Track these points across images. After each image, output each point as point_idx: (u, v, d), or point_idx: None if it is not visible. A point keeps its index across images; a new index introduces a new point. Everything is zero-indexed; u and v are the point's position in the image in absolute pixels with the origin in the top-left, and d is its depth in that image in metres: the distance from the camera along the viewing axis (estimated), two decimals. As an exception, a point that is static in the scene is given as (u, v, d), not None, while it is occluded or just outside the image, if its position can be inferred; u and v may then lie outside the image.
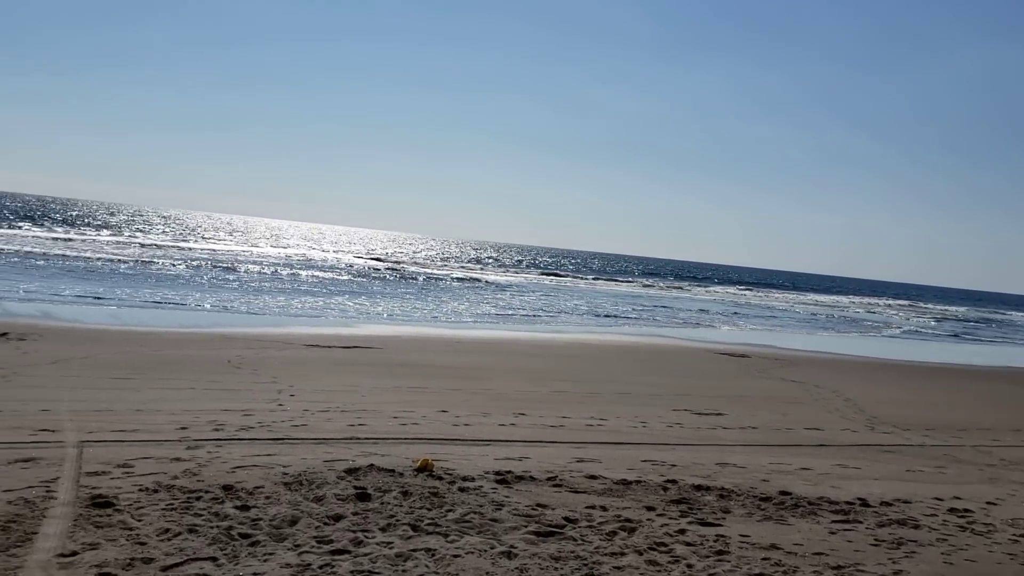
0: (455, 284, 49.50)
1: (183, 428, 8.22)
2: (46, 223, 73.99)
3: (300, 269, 47.73)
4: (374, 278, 47.11)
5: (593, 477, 7.49)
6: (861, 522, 6.77)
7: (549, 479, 7.26)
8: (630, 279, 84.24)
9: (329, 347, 16.90)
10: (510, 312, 33.13)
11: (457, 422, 9.94)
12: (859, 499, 7.50)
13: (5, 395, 9.43)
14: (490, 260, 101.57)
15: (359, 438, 8.39)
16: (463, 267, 74.29)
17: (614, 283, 72.63)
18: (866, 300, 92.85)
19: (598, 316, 35.48)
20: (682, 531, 6.07)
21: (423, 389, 12.52)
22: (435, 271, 61.90)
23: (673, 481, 7.62)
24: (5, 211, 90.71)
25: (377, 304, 30.47)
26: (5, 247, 40.79)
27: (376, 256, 77.91)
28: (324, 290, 35.15)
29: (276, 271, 44.20)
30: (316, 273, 45.70)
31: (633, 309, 41.85)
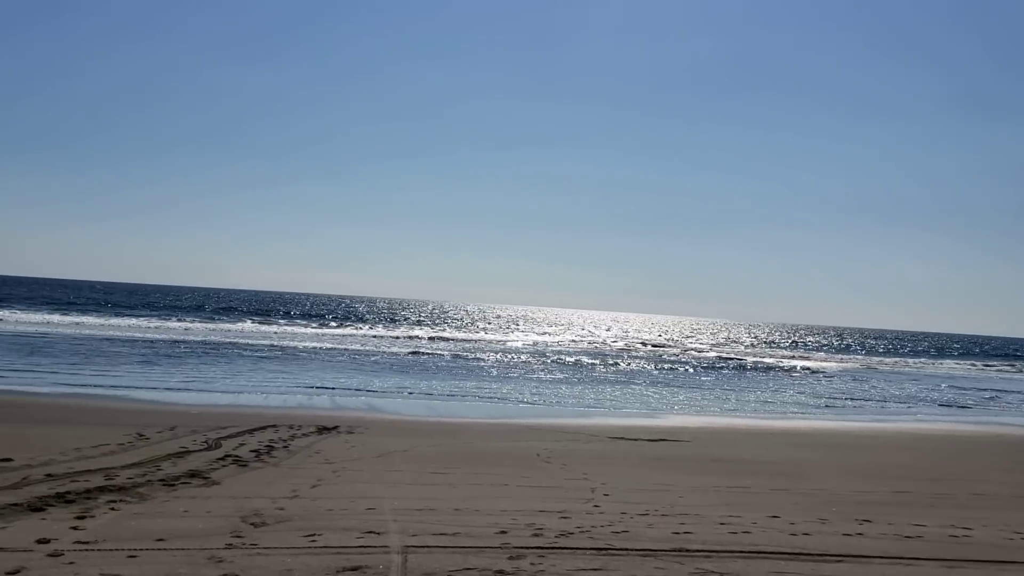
0: (761, 370, 47.18)
1: (503, 532, 7.84)
2: (379, 322, 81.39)
3: (593, 357, 47.93)
4: (672, 365, 46.10)
5: (988, 614, 6.05)
6: None
7: (933, 615, 5.94)
8: (973, 360, 75.81)
9: (635, 440, 16.24)
10: (825, 399, 30.67)
11: (794, 530, 8.74)
12: None
13: (335, 492, 9.68)
14: (798, 343, 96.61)
15: (688, 550, 7.53)
16: (769, 351, 71.13)
17: (944, 363, 65.83)
18: None
19: (929, 402, 31.89)
20: None
21: (745, 489, 11.40)
22: (739, 356, 59.67)
23: (1099, 624, 5.97)
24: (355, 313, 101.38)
25: (677, 393, 29.47)
26: (338, 346, 44.97)
27: (670, 343, 76.85)
28: (621, 379, 34.77)
29: (569, 359, 44.67)
30: (611, 361, 45.62)
31: (970, 392, 37.30)
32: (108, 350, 33.43)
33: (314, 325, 68.72)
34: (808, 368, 51.09)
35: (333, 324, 72.78)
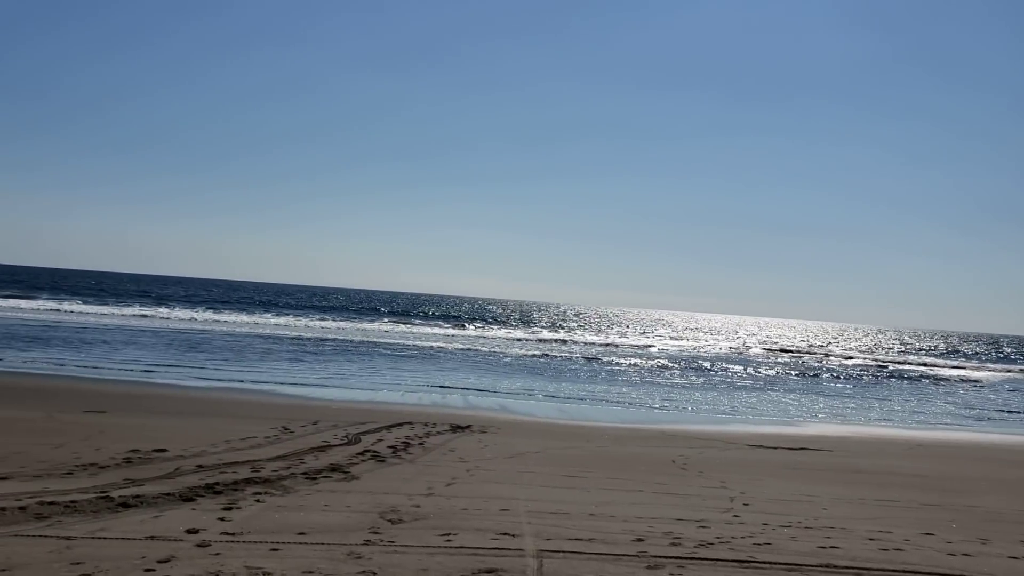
0: (910, 378, 44.84)
1: (639, 540, 7.66)
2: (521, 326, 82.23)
3: (730, 362, 46.75)
4: (813, 371, 44.40)
5: None
6: None
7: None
8: None
9: (775, 448, 15.66)
10: (980, 410, 28.82)
11: (951, 550, 8.17)
12: None
13: (470, 491, 9.73)
14: (950, 351, 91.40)
15: (835, 566, 7.14)
16: (919, 358, 67.58)
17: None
18: None
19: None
20: None
21: (894, 503, 10.78)
22: (885, 362, 56.95)
23: None
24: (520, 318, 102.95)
25: (817, 401, 28.31)
26: (472, 347, 45.63)
27: (812, 348, 74.10)
28: (759, 384, 33.72)
29: (705, 364, 43.71)
30: (748, 366, 44.36)
31: None
32: (258, 347, 35.05)
33: (449, 326, 70.00)
34: (962, 377, 48.20)
35: (467, 325, 73.92)
